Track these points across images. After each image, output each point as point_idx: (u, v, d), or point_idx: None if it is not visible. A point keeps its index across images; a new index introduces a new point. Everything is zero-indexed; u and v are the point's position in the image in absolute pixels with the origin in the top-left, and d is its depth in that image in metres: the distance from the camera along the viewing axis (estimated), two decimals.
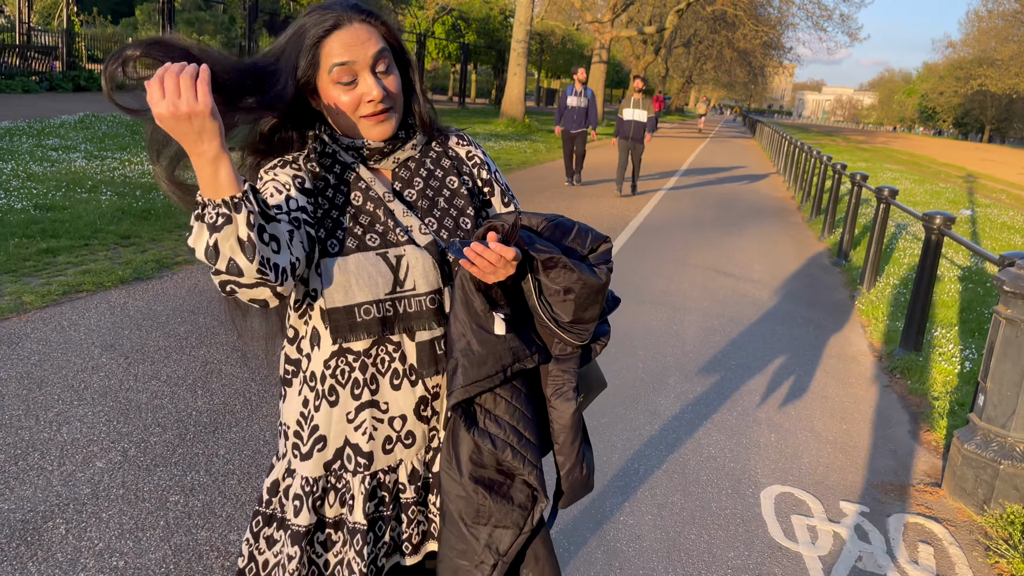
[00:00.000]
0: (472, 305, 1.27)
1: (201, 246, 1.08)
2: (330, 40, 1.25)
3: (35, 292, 4.52)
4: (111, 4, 44.46)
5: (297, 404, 1.35)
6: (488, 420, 1.32)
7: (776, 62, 51.77)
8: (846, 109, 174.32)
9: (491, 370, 1.27)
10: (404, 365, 1.33)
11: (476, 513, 1.32)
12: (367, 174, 1.34)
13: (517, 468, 1.33)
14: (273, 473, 1.38)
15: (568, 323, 1.33)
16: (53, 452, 2.91)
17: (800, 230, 10.56)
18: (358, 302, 1.27)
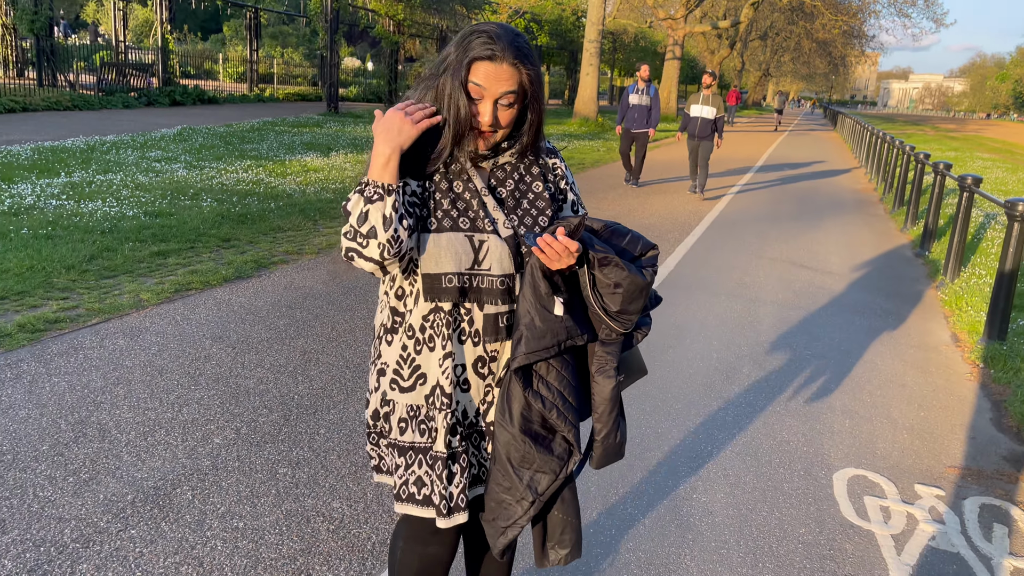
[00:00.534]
0: (538, 288, 1.54)
1: (357, 211, 1.47)
2: (482, 64, 1.52)
3: (151, 290, 4.95)
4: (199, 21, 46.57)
5: (398, 348, 1.65)
6: (541, 384, 1.58)
7: (858, 51, 50.09)
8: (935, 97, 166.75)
9: (549, 343, 1.54)
10: (471, 328, 1.62)
11: (522, 458, 1.60)
12: (472, 169, 1.61)
13: (559, 425, 1.59)
14: (371, 403, 1.71)
15: (615, 312, 1.58)
16: (176, 430, 3.25)
17: (881, 222, 10.35)
18: (444, 271, 1.55)
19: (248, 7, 27.99)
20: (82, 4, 52.97)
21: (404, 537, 1.80)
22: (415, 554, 1.79)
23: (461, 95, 1.52)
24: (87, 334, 4.21)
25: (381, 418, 1.68)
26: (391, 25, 26.00)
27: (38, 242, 5.68)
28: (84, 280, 5.06)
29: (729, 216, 9.82)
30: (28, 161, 9.31)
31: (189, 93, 22.04)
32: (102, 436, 3.14)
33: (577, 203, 1.74)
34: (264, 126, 16.59)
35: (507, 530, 1.65)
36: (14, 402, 3.37)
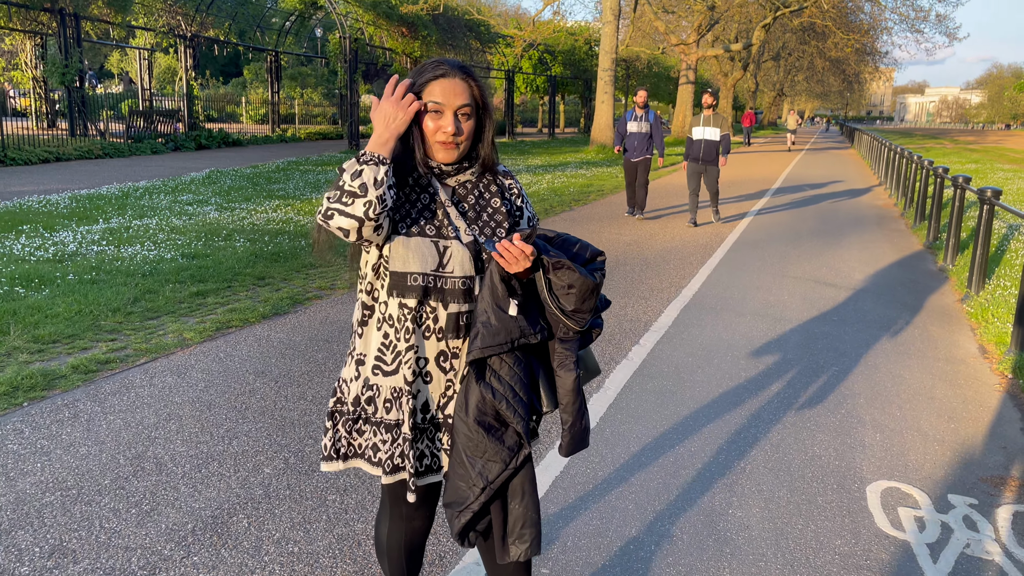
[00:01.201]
0: (496, 291, 1.72)
1: (352, 169, 1.67)
2: (434, 84, 1.77)
3: (193, 329, 5.14)
4: (220, 66, 47.69)
5: (378, 336, 1.84)
6: (493, 378, 1.75)
7: (872, 68, 50.15)
8: (952, 110, 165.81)
9: (502, 339, 1.71)
10: (436, 325, 1.82)
11: (475, 447, 1.76)
12: (436, 184, 1.84)
13: (509, 417, 1.75)
14: (350, 390, 1.90)
15: (571, 311, 1.76)
16: (228, 461, 3.39)
17: (903, 237, 10.37)
18: (410, 271, 1.77)
19: (268, 51, 28.71)
20: (106, 54, 54.49)
21: (390, 518, 2.04)
22: (401, 532, 2.05)
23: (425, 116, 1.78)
24: (137, 373, 4.39)
25: (363, 402, 1.87)
26: (408, 62, 26.54)
27: (84, 287, 5.91)
28: (130, 322, 5.26)
29: (750, 237, 9.90)
30: (67, 209, 9.64)
31: (214, 137, 22.59)
32: (159, 469, 3.30)
33: (532, 218, 1.96)
34: (289, 166, 16.96)
35: (461, 514, 1.81)
36: (74, 440, 3.54)
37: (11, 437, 3.54)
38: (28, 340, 4.75)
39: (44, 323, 5.05)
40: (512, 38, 28.43)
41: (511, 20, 36.55)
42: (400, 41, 25.76)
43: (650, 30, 38.03)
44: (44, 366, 4.38)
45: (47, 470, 3.25)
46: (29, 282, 5.97)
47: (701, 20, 32.29)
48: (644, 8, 31.37)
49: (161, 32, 23.32)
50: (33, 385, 4.10)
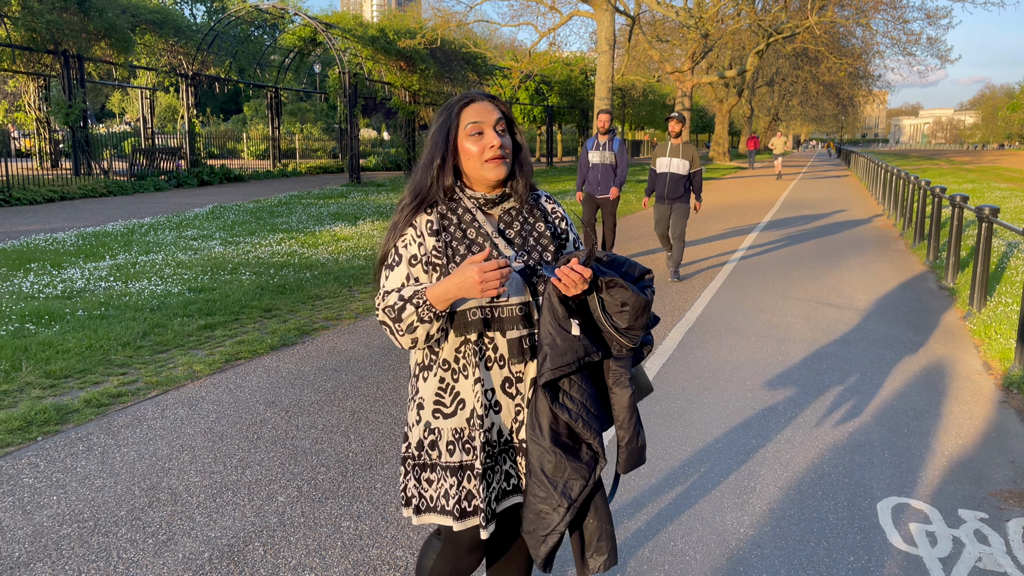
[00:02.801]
0: (556, 313, 1.76)
1: (408, 321, 1.73)
2: (468, 109, 1.84)
3: (203, 362, 5.19)
4: (220, 103, 48.22)
5: (435, 382, 1.86)
6: (566, 397, 1.78)
7: (865, 91, 50.67)
8: (947, 131, 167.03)
9: (570, 359, 1.74)
10: (496, 354, 1.84)
11: (554, 468, 1.78)
12: (481, 217, 1.87)
13: (585, 434, 1.77)
14: (413, 435, 1.90)
15: (624, 329, 1.79)
16: (242, 491, 3.42)
17: (903, 257, 10.44)
18: (470, 307, 1.79)
19: (268, 87, 29.06)
20: (108, 94, 55.14)
21: (439, 554, 2.02)
22: (449, 571, 2.02)
23: (466, 141, 1.83)
24: (148, 406, 4.42)
25: (426, 447, 1.87)
26: (407, 96, 26.85)
27: (93, 322, 5.97)
28: (140, 356, 5.31)
29: (751, 259, 9.97)
30: (73, 247, 9.73)
31: (216, 173, 22.80)
32: (174, 500, 3.32)
33: (578, 240, 2.00)
34: (291, 200, 17.11)
35: (547, 538, 1.81)
36: (89, 473, 3.56)
37: (27, 471, 3.57)
38: (40, 376, 4.80)
39: (55, 359, 5.09)
40: (509, 70, 28.81)
41: (507, 52, 37.04)
42: (399, 75, 26.08)
43: (645, 59, 38.52)
44: (57, 401, 4.42)
45: (63, 503, 3.28)
46: (39, 319, 6.03)
47: (695, 48, 32.72)
48: (638, 37, 31.80)
49: (163, 71, 23.64)
50: (47, 420, 4.14)
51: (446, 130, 1.84)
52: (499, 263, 1.64)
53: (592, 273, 1.73)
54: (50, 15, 18.30)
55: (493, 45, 42.77)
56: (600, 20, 25.03)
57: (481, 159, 1.82)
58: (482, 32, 53.76)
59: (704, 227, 13.48)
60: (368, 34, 24.57)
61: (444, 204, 1.86)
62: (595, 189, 8.72)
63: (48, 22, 18.25)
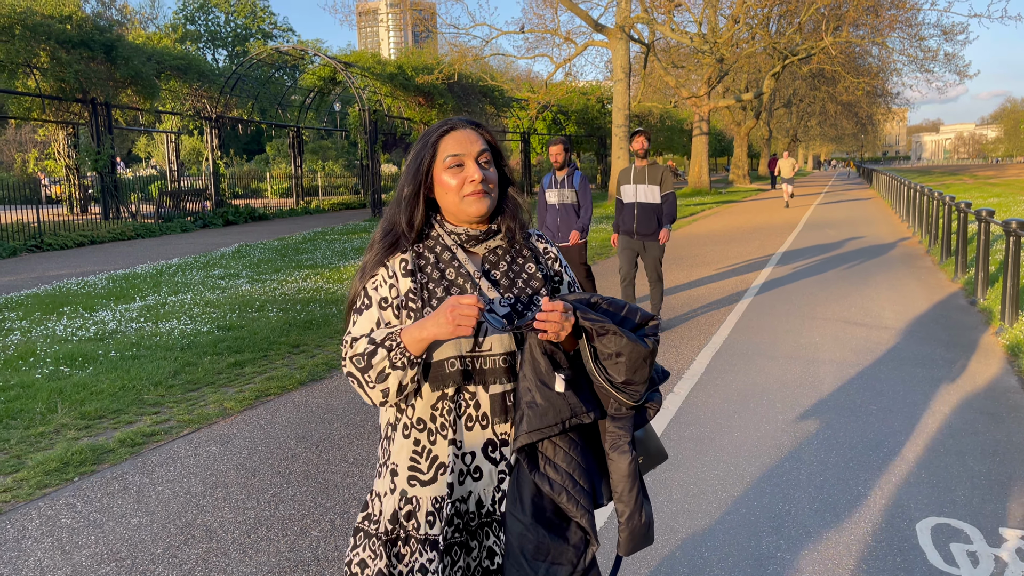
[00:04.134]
0: (538, 365, 1.53)
1: (378, 367, 1.52)
2: (447, 138, 1.65)
3: (233, 399, 5.24)
4: (243, 144, 49.09)
5: (409, 445, 1.62)
6: (548, 466, 1.54)
7: (884, 109, 50.49)
8: (969, 146, 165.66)
9: (551, 420, 1.50)
10: (478, 411, 1.60)
11: (535, 549, 1.52)
12: (463, 255, 1.65)
13: (571, 511, 1.52)
14: (387, 505, 1.64)
15: (621, 383, 1.55)
16: (276, 526, 3.44)
17: (930, 274, 10.33)
18: (447, 356, 1.57)
19: (290, 127, 29.59)
20: (134, 140, 56.45)
21: None
22: None
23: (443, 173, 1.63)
24: (182, 444, 4.48)
25: (402, 518, 1.62)
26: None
27: (126, 363, 6.06)
28: (172, 394, 5.38)
29: (775, 281, 9.92)
30: (104, 289, 9.92)
31: (241, 212, 23.16)
32: (209, 537, 3.35)
33: (574, 284, 1.79)
34: (315, 236, 17.33)
35: None
36: (125, 512, 3.61)
37: (64, 511, 3.62)
38: (75, 417, 4.88)
39: (90, 400, 5.18)
40: (526, 101, 29.12)
41: (524, 84, 37.47)
42: (418, 111, 26.46)
43: (661, 85, 38.75)
44: (92, 441, 4.49)
45: (101, 542, 3.32)
46: (73, 361, 6.14)
47: (711, 73, 32.88)
48: (654, 64, 32.04)
49: (187, 115, 24.18)
50: (83, 460, 4.20)
51: (419, 160, 1.66)
52: (473, 298, 1.45)
53: (572, 315, 1.51)
54: (78, 65, 18.84)
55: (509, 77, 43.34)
56: (615, 49, 25.28)
57: (460, 193, 1.63)
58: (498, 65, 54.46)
59: (727, 250, 13.44)
60: (387, 71, 25.00)
61: (419, 242, 1.67)
62: (554, 235, 7.09)
63: (76, 71, 18.78)
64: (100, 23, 20.57)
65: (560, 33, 26.88)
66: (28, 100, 21.05)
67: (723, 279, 10.25)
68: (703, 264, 11.79)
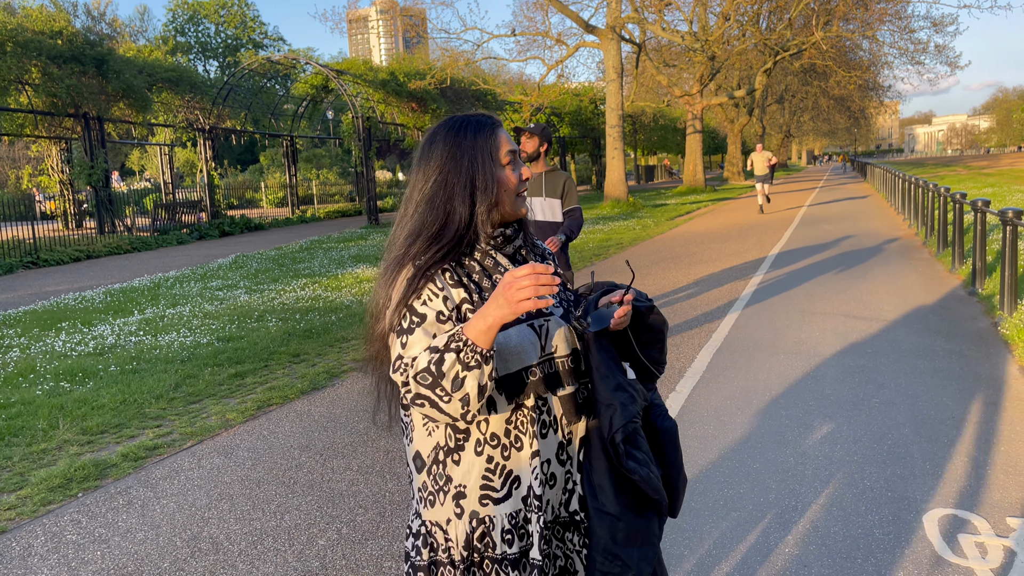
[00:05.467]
0: (612, 356, 1.55)
1: (451, 374, 1.36)
2: (501, 134, 1.58)
3: (235, 410, 5.23)
4: (236, 154, 49.08)
5: (480, 462, 1.53)
6: (635, 452, 1.54)
7: (876, 102, 50.61)
8: (961, 137, 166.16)
9: (637, 409, 1.55)
10: (549, 416, 1.56)
11: (627, 537, 1.52)
12: (503, 259, 1.58)
13: (657, 490, 1.54)
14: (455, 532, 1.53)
15: (656, 360, 1.68)
16: (282, 536, 3.43)
17: (928, 265, 10.34)
18: (526, 366, 1.51)
19: (284, 136, 29.58)
20: (127, 153, 56.40)
21: None
22: None
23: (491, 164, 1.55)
24: (185, 456, 4.46)
25: (476, 541, 1.53)
26: (419, 136, 27.21)
27: (126, 377, 6.05)
28: (173, 407, 5.37)
29: (773, 277, 9.92)
30: (102, 304, 9.90)
31: (236, 223, 23.14)
32: (216, 549, 3.34)
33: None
34: (312, 245, 17.32)
35: None
36: (130, 526, 3.60)
37: (69, 528, 3.61)
38: (77, 432, 4.86)
39: (91, 415, 5.16)
40: (519, 104, 29.14)
41: (516, 87, 37.51)
42: (411, 116, 26.47)
43: (653, 84, 38.82)
44: (95, 456, 4.47)
45: (107, 557, 3.31)
46: (73, 376, 6.12)
47: (703, 71, 32.94)
48: (646, 64, 32.09)
49: (180, 127, 24.15)
50: (86, 476, 4.19)
51: (476, 158, 1.53)
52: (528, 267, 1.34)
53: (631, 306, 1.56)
54: (69, 80, 18.82)
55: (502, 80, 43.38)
56: (607, 50, 25.31)
57: (515, 191, 1.57)
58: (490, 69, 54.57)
59: (724, 248, 13.45)
60: (379, 78, 25.01)
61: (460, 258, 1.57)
62: None
63: (68, 86, 18.77)
64: (90, 37, 20.55)
65: (551, 35, 26.92)
66: (20, 116, 21.00)
67: (721, 276, 10.26)
68: (701, 262, 11.80)
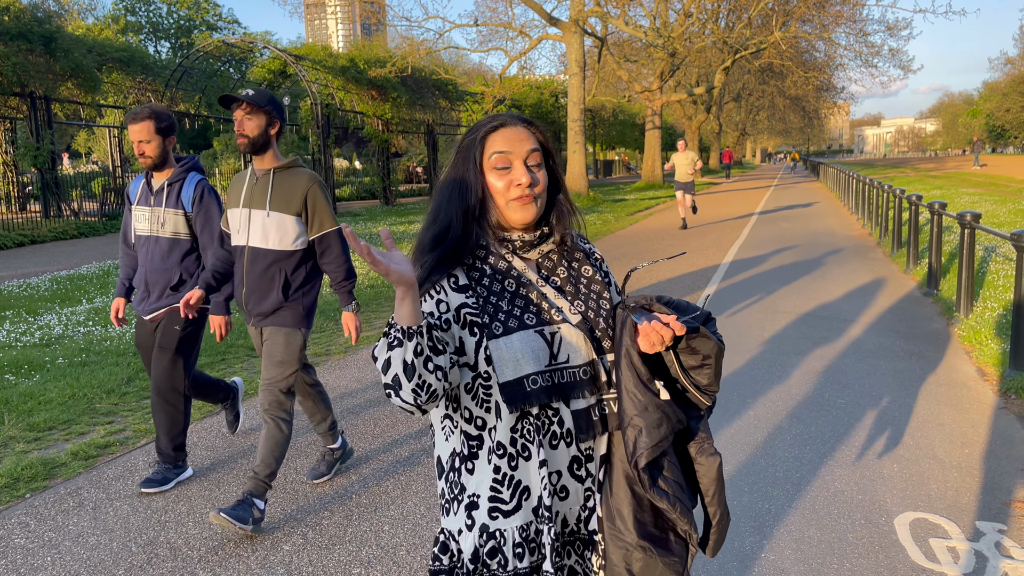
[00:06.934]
0: (640, 374, 1.44)
1: (381, 358, 1.35)
2: (495, 135, 1.52)
3: (192, 406, 5.03)
4: (187, 139, 47.86)
5: (489, 472, 1.48)
6: (661, 479, 1.46)
7: (830, 103, 51.64)
8: (908, 139, 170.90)
9: (666, 432, 1.43)
10: (562, 428, 1.49)
11: (643, 566, 1.45)
12: (519, 263, 1.53)
13: (681, 521, 1.46)
14: (465, 544, 1.50)
15: (705, 386, 1.49)
16: (244, 541, 3.29)
17: (884, 265, 10.53)
18: (526, 373, 1.44)
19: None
20: (73, 134, 54.63)
21: None
22: None
23: (489, 174, 1.51)
24: (138, 455, 4.28)
25: (485, 556, 1.48)
26: (379, 124, 26.86)
27: (75, 370, 5.79)
28: (125, 402, 5.15)
29: (735, 273, 10.00)
30: (48, 292, 9.51)
31: None
32: (174, 555, 3.19)
33: (617, 286, 1.66)
34: None
35: None
36: (82, 530, 3.42)
37: (17, 531, 3.42)
38: (24, 428, 4.63)
39: (38, 410, 4.92)
40: (480, 95, 28.97)
41: (477, 77, 37.28)
42: (371, 104, 26.10)
43: (614, 79, 38.96)
44: (43, 454, 4.26)
45: (58, 564, 3.14)
46: (19, 369, 5.85)
47: (663, 67, 33.15)
48: (607, 58, 32.17)
49: (131, 109, 23.43)
50: (34, 475, 3.98)
51: (469, 159, 1.53)
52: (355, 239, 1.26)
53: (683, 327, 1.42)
54: (16, 57, 18.09)
55: (462, 71, 43.08)
56: (569, 43, 25.29)
57: (505, 197, 1.51)
58: (451, 59, 54.17)
59: (682, 245, 13.54)
60: (338, 64, 24.58)
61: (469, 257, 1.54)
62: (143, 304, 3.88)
63: (14, 64, 18.04)
64: (38, 14, 19.79)
65: (514, 27, 26.80)
66: None
67: (681, 274, 10.31)
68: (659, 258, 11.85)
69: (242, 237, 3.45)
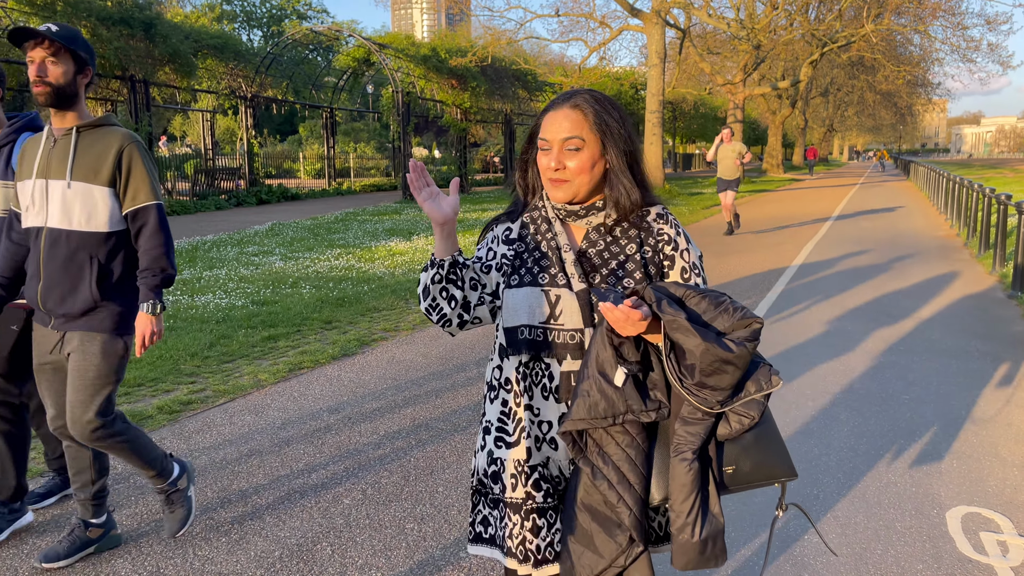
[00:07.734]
0: (601, 354, 1.48)
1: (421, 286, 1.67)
2: (545, 119, 1.65)
3: (267, 371, 5.34)
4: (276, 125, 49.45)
5: (499, 405, 1.69)
6: (597, 454, 1.51)
7: (924, 99, 49.46)
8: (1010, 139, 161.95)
9: (601, 413, 1.46)
10: (551, 384, 1.63)
11: (580, 534, 1.53)
12: (560, 228, 1.67)
13: (612, 504, 1.48)
14: (479, 463, 1.74)
15: (693, 384, 1.42)
16: (309, 493, 3.52)
17: (968, 266, 10.15)
18: (519, 324, 1.62)
19: (324, 108, 29.76)
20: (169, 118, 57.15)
21: None
22: None
23: (529, 146, 1.72)
24: (217, 413, 4.58)
25: (488, 477, 1.70)
26: (458, 113, 27.21)
27: (164, 335, 6.20)
28: (207, 365, 5.50)
29: (807, 271, 9.82)
30: None
31: (274, 192, 23.40)
32: (244, 501, 3.44)
33: (690, 270, 1.66)
34: (347, 217, 17.47)
35: None
36: None
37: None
38: None
39: (129, 368, 5.31)
40: (559, 85, 28.99)
41: (557, 68, 37.27)
42: (450, 93, 26.46)
43: (696, 71, 38.32)
44: (131, 408, 4.61)
45: (140, 503, 3.42)
46: None
47: (747, 60, 32.45)
48: (689, 51, 31.68)
49: (223, 94, 24.42)
50: None
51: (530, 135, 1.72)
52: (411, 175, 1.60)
53: (645, 314, 1.42)
54: (118, 42, 19.10)
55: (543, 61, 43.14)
56: (650, 34, 25.05)
57: (545, 176, 1.65)
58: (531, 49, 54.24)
59: (758, 241, 13.32)
60: (420, 53, 25.01)
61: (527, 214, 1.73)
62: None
63: (116, 48, 19.04)
64: (139, 1, 20.82)
65: (595, 17, 26.69)
66: None
67: (755, 268, 10.18)
68: (731, 252, 11.71)
69: (38, 216, 2.67)
